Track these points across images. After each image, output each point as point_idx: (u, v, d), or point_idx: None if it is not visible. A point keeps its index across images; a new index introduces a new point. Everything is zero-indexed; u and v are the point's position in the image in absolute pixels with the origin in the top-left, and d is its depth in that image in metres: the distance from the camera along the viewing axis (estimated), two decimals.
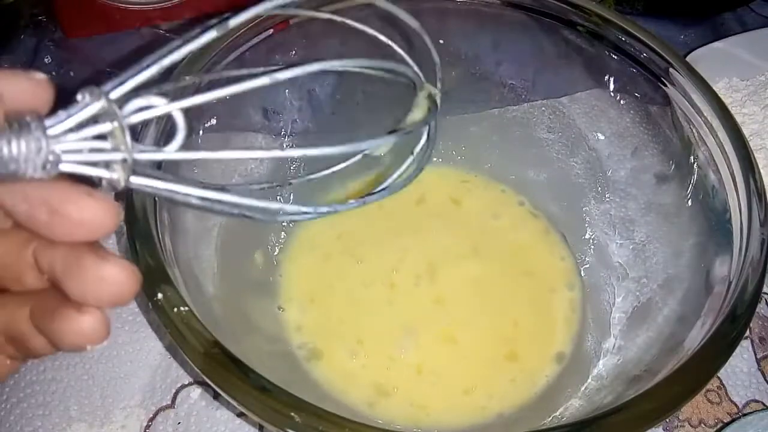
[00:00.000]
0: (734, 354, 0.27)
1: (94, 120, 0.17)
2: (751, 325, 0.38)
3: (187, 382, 0.38)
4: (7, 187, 0.17)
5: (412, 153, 0.26)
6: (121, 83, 0.17)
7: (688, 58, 0.49)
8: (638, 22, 0.35)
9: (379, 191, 0.24)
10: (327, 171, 0.27)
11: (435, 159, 0.45)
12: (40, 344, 0.19)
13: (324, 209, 0.21)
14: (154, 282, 0.25)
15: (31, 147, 0.16)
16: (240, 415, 0.37)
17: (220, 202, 0.18)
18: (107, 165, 0.17)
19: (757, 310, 0.28)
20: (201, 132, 0.34)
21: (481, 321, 0.39)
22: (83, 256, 0.18)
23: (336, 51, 0.39)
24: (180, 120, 0.18)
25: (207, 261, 0.34)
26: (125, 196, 0.27)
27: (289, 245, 0.41)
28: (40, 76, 0.17)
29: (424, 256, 0.41)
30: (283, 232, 0.42)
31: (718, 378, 0.40)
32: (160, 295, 0.25)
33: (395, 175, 0.26)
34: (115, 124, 0.17)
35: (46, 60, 0.51)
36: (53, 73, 0.50)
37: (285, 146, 0.41)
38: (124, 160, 0.17)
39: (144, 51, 0.18)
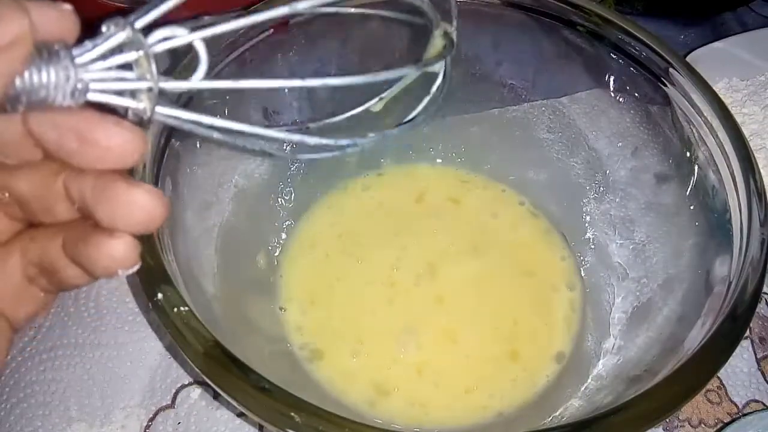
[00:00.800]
0: (734, 354, 0.27)
1: (119, 49, 0.17)
2: (751, 325, 0.38)
3: (187, 382, 0.38)
4: (37, 115, 0.17)
5: (428, 92, 0.27)
6: (145, 14, 0.18)
7: (688, 58, 0.49)
8: (638, 22, 0.35)
9: (400, 126, 0.25)
10: (343, 115, 0.28)
11: (435, 159, 0.45)
12: (73, 274, 0.20)
13: (344, 142, 0.21)
14: (154, 282, 0.25)
15: (60, 75, 0.16)
16: (240, 415, 0.37)
17: (241, 134, 0.19)
18: (133, 95, 0.17)
19: (757, 310, 0.28)
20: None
21: (481, 320, 0.39)
22: (112, 182, 0.18)
23: (336, 51, 0.39)
24: (202, 50, 0.18)
25: (207, 261, 0.34)
26: None
27: (289, 245, 0.41)
28: (66, 6, 0.17)
29: (424, 255, 0.41)
30: (283, 233, 0.42)
31: (718, 378, 0.40)
32: (160, 295, 0.25)
33: (414, 113, 0.26)
34: (141, 52, 0.17)
35: None
36: None
37: (285, 146, 0.41)
38: (150, 89, 0.17)
39: None
